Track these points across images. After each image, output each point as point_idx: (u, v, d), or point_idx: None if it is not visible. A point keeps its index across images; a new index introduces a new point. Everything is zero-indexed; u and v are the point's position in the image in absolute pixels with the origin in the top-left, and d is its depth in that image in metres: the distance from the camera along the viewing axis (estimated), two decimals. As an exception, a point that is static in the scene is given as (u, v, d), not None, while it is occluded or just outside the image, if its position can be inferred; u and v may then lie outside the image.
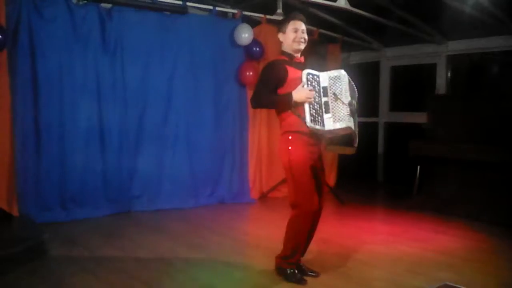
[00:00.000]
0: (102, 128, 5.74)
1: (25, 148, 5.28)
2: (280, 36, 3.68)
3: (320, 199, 3.68)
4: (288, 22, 3.64)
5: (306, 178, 3.50)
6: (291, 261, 3.67)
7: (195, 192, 6.45)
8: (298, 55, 3.67)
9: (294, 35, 3.60)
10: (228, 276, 3.84)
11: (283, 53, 3.68)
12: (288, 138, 3.52)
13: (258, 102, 3.56)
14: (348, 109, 3.38)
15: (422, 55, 7.92)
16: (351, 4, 6.08)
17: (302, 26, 3.64)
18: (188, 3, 6.21)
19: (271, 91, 3.50)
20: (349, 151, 3.64)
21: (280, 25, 3.71)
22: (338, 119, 3.37)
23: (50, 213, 5.38)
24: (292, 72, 3.52)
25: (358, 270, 4.00)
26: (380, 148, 8.62)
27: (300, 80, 3.44)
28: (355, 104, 3.45)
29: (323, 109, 3.40)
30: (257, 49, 6.59)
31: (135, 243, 4.68)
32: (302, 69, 3.52)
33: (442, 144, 6.35)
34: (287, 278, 3.66)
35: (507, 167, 5.70)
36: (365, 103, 6.06)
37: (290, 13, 3.77)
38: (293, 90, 3.42)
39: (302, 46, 3.64)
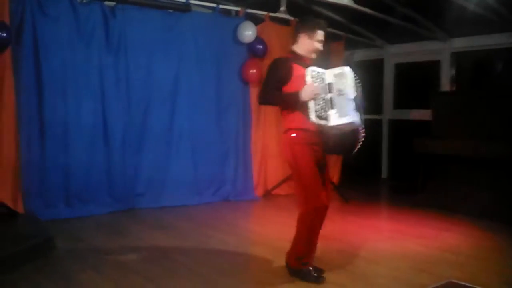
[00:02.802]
0: (106, 125, 5.76)
1: (30, 145, 5.29)
2: (303, 38, 3.59)
3: (326, 195, 3.63)
4: (318, 30, 3.58)
5: (313, 174, 3.49)
6: (306, 261, 3.63)
7: (199, 189, 6.46)
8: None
9: (318, 46, 3.60)
10: (232, 273, 3.84)
11: (293, 52, 3.64)
12: (291, 136, 3.51)
13: (265, 98, 3.56)
14: (353, 104, 3.38)
15: (426, 52, 7.90)
16: (354, 2, 6.08)
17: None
18: (191, 1, 6.21)
19: (278, 88, 3.50)
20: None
21: (306, 27, 3.59)
22: (342, 114, 3.36)
23: (55, 210, 5.40)
24: (297, 69, 3.51)
25: (362, 267, 4.00)
26: (384, 145, 8.61)
27: (305, 77, 3.44)
28: (361, 100, 3.45)
29: (328, 105, 3.40)
30: (260, 46, 6.59)
31: (139, 240, 4.69)
32: (307, 67, 3.52)
33: (446, 141, 6.33)
34: (304, 278, 3.60)
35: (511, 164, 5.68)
36: (369, 100, 6.04)
37: (320, 20, 3.65)
38: (298, 87, 3.40)
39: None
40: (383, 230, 5.37)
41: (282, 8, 6.81)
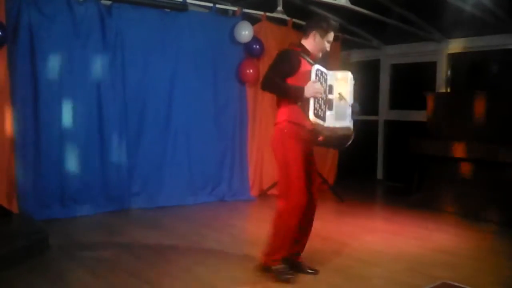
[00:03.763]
0: (102, 125, 5.74)
1: (25, 145, 5.27)
2: (315, 35, 3.62)
3: (311, 194, 3.65)
4: (329, 31, 3.63)
5: (300, 171, 3.51)
6: (275, 258, 3.63)
7: (195, 189, 6.45)
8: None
9: (326, 46, 3.66)
10: (228, 274, 3.84)
11: (302, 46, 3.66)
12: (284, 129, 3.53)
13: (269, 85, 3.52)
14: (350, 110, 3.39)
15: (422, 53, 7.91)
16: (351, 2, 6.08)
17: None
18: (188, 0, 6.21)
19: (282, 79, 3.50)
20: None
21: (321, 26, 3.63)
22: (339, 117, 3.39)
23: (50, 210, 5.38)
24: (304, 64, 3.54)
25: (357, 268, 4.00)
26: (380, 146, 8.62)
27: (310, 74, 3.44)
28: (358, 108, 3.46)
29: (327, 105, 3.42)
30: (257, 46, 6.58)
31: (134, 241, 4.68)
32: (313, 65, 3.53)
33: (441, 142, 6.35)
34: (276, 275, 3.60)
35: (506, 165, 5.69)
36: (365, 101, 6.07)
37: (331, 22, 3.70)
38: (302, 82, 3.41)
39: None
40: (378, 231, 5.37)
41: (279, 8, 6.81)
